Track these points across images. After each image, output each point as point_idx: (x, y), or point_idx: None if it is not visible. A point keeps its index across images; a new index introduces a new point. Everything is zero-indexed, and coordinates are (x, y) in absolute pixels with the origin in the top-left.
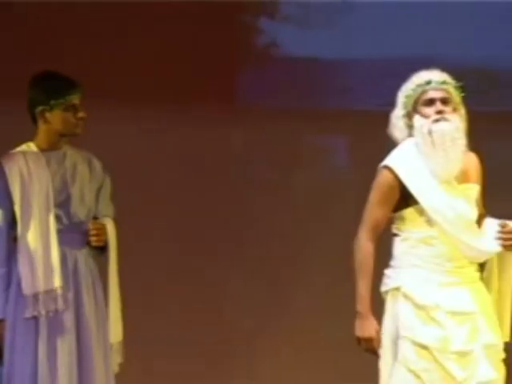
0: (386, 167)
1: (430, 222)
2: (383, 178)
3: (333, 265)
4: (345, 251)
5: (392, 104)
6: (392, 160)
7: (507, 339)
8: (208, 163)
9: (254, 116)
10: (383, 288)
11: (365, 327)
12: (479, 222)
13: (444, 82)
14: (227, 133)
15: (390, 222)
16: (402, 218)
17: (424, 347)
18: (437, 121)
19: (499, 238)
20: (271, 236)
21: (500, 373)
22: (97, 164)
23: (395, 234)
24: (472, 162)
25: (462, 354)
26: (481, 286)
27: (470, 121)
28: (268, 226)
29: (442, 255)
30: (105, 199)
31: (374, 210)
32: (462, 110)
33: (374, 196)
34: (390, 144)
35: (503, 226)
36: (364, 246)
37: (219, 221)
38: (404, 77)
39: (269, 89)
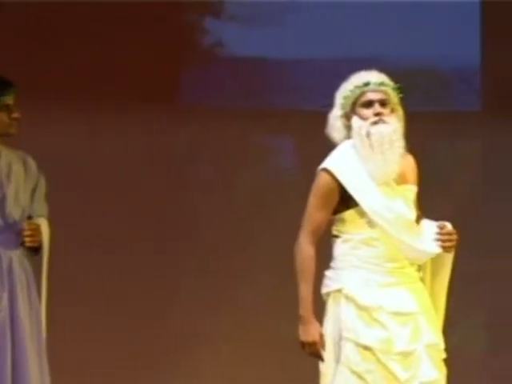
0: (325, 170)
1: (370, 223)
2: (322, 180)
3: (277, 265)
4: (289, 251)
5: None
6: (330, 162)
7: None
8: (152, 163)
9: (198, 116)
10: (324, 290)
11: (308, 332)
12: (416, 223)
13: (382, 84)
14: (171, 133)
15: (331, 223)
16: (343, 220)
17: (367, 348)
18: (375, 123)
19: (438, 240)
20: (216, 236)
21: (441, 372)
22: (32, 163)
23: (335, 236)
24: (409, 163)
25: (405, 355)
26: (421, 286)
27: (410, 121)
28: (213, 226)
29: (382, 256)
30: (39, 199)
31: (313, 213)
32: (400, 111)
33: (314, 199)
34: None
35: (442, 228)
36: (305, 249)
37: (163, 221)
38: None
39: (214, 88)
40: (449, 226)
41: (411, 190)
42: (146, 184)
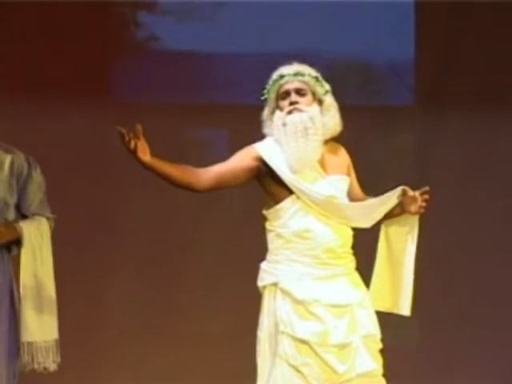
0: (251, 146)
1: (301, 214)
2: (246, 148)
3: (216, 262)
4: (227, 247)
5: None
6: (260, 145)
7: (408, 313)
8: (84, 161)
9: (131, 111)
10: (260, 283)
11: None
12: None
13: (298, 74)
14: (104, 128)
15: (264, 218)
16: (276, 214)
17: (303, 342)
18: (290, 112)
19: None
20: (154, 233)
21: (378, 363)
22: (7, 160)
23: (269, 231)
24: (341, 153)
25: (342, 347)
26: (357, 276)
27: (345, 115)
28: (150, 223)
29: (317, 247)
30: (31, 196)
31: (225, 163)
32: (328, 101)
33: (234, 155)
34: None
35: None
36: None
37: (98, 220)
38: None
39: (147, 83)
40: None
41: (343, 180)
42: (77, 182)
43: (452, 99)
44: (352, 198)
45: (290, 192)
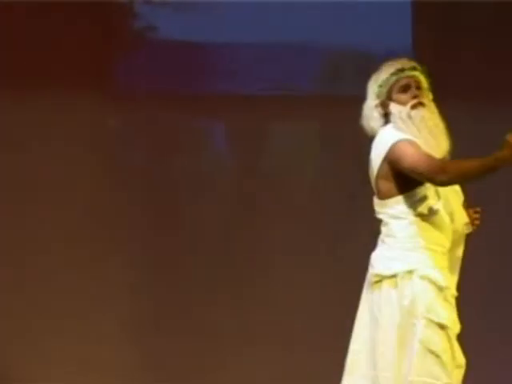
0: (403, 139)
1: (433, 204)
2: (408, 141)
3: (209, 248)
4: (220, 234)
5: (273, 88)
6: (401, 135)
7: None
8: (83, 150)
9: (131, 101)
10: (388, 271)
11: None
12: None
13: (415, 68)
14: (103, 119)
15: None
16: (407, 200)
17: (443, 328)
18: (414, 106)
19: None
20: (147, 221)
21: None
22: None
23: (399, 217)
24: None
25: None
26: None
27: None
28: (148, 212)
29: (441, 237)
30: None
31: (423, 152)
32: (430, 95)
33: (413, 148)
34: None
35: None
36: (446, 163)
37: (95, 209)
38: (285, 61)
39: (145, 73)
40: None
41: None
42: (81, 171)
43: (450, 90)
44: None
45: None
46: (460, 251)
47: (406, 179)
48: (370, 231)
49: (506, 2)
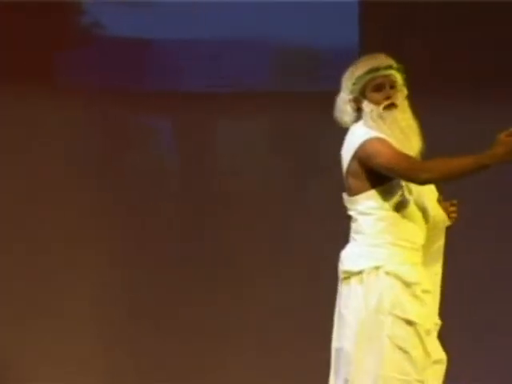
0: (375, 137)
1: (403, 199)
2: (380, 138)
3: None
4: (167, 231)
5: (222, 86)
6: (373, 133)
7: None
8: (30, 148)
9: (76, 98)
10: (355, 267)
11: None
12: None
13: (390, 67)
14: (51, 115)
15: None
16: (376, 196)
17: (411, 323)
18: (387, 107)
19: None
20: (95, 216)
21: None
22: None
23: (366, 214)
24: None
25: (428, 333)
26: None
27: (295, 101)
28: (94, 209)
29: (412, 232)
30: None
31: (397, 151)
32: (405, 91)
33: (386, 146)
34: (220, 126)
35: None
36: (425, 162)
37: (38, 207)
38: (235, 58)
39: (92, 70)
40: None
41: None
42: (27, 167)
43: None
44: None
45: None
46: (439, 245)
47: (375, 176)
48: (323, 227)
49: (453, 1)
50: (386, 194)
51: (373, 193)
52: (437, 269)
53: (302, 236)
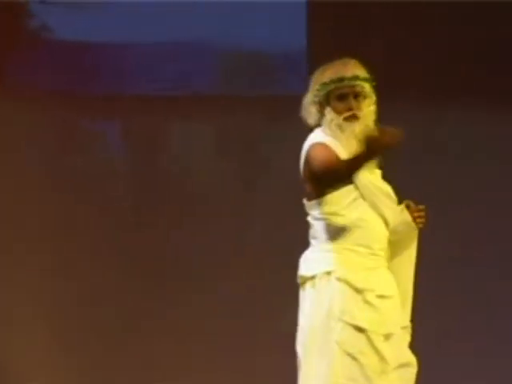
0: (319, 142)
1: (357, 203)
2: (325, 143)
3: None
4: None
5: (170, 89)
6: (327, 140)
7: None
8: None
9: (24, 101)
10: (307, 272)
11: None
12: None
13: (356, 78)
14: None
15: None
16: (331, 202)
17: (361, 330)
18: (347, 118)
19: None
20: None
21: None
22: None
23: (321, 219)
24: None
25: (388, 337)
26: (388, 271)
27: (237, 106)
28: (37, 211)
29: (369, 237)
30: None
31: (327, 154)
32: (373, 98)
33: (321, 151)
34: (168, 129)
35: (409, 205)
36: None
37: None
38: (181, 61)
39: (40, 73)
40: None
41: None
42: None
43: None
44: None
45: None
46: (410, 250)
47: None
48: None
49: (402, 1)
50: (339, 199)
51: (326, 198)
52: (408, 274)
53: (254, 235)
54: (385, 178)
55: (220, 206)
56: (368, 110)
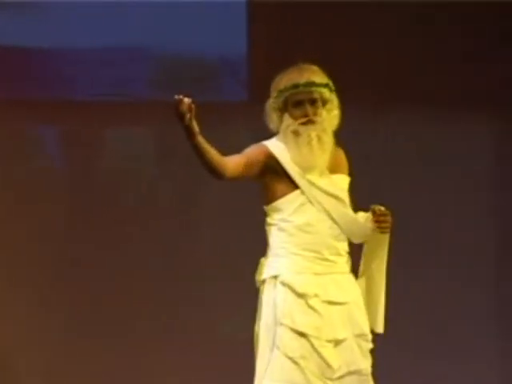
0: (263, 144)
1: (304, 208)
2: (260, 145)
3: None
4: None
5: (108, 94)
6: (269, 143)
7: (380, 330)
8: None
9: None
10: (260, 277)
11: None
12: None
13: (311, 84)
14: None
15: (265, 214)
16: (278, 208)
17: (302, 335)
18: (303, 123)
19: (374, 220)
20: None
21: (368, 362)
22: None
23: (271, 225)
24: (342, 156)
25: (337, 343)
26: (350, 277)
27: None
28: None
29: (317, 242)
30: None
31: (243, 155)
32: (334, 103)
33: (248, 151)
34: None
35: (375, 210)
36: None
37: None
38: (120, 67)
39: None
40: (382, 208)
41: (344, 179)
42: None
43: None
44: None
45: (293, 188)
46: (380, 256)
47: (275, 187)
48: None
49: (344, 1)
50: (286, 205)
51: (275, 204)
52: (378, 281)
53: (196, 243)
54: (356, 185)
55: (158, 211)
56: (327, 115)
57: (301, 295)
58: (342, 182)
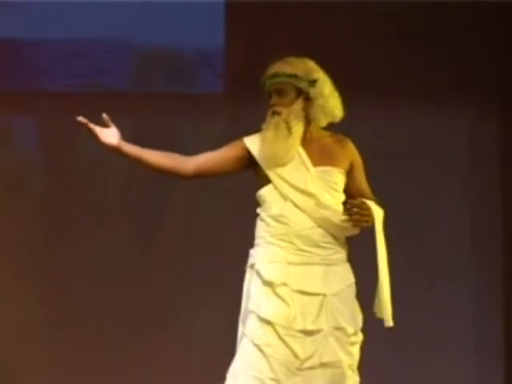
0: (242, 139)
1: (279, 200)
2: (238, 140)
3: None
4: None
5: (82, 85)
6: (249, 137)
7: (390, 324)
8: None
9: None
10: (247, 266)
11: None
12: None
13: (276, 75)
14: None
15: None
16: (260, 199)
17: (268, 323)
18: (272, 113)
19: (348, 214)
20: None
21: (346, 356)
22: None
23: (257, 214)
24: (344, 147)
25: (308, 333)
26: (343, 268)
27: (155, 102)
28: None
29: (290, 232)
30: None
31: (214, 152)
32: (314, 91)
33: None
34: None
35: (351, 203)
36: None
37: None
38: (95, 58)
39: None
40: (355, 202)
41: (332, 172)
42: None
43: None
44: (350, 194)
45: (270, 180)
46: (377, 247)
47: (258, 179)
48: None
49: (321, 2)
50: (264, 196)
51: (258, 194)
52: (380, 273)
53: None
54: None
55: (138, 203)
56: (299, 105)
57: (267, 283)
58: (327, 175)
